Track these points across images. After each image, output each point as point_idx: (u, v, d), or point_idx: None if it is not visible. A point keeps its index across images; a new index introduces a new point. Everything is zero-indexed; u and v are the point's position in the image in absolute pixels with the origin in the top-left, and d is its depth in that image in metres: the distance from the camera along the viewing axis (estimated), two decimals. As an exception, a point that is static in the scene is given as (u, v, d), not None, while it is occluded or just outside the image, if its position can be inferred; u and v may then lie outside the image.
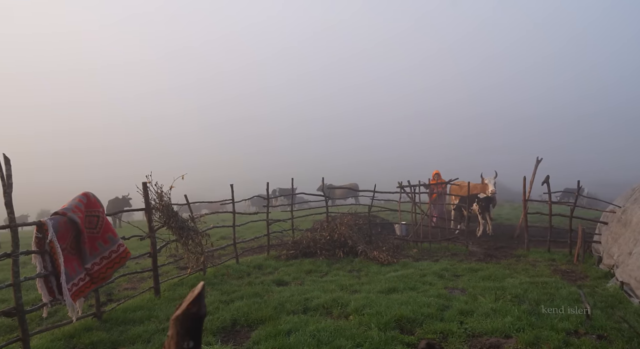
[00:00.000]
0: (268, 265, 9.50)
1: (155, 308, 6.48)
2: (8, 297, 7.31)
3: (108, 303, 7.09)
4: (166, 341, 1.43)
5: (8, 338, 5.43)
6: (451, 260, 9.55)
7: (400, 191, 13.19)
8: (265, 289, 7.30)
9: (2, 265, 10.06)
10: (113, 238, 6.16)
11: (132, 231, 7.95)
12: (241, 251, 10.64)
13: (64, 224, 5.39)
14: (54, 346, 5.06)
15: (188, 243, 7.89)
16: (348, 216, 12.48)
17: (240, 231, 13.50)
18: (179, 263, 9.43)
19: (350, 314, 5.82)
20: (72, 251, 5.52)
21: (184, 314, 1.39)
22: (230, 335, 5.40)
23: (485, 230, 13.35)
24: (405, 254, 10.55)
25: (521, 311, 5.49)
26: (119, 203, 22.49)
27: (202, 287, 1.43)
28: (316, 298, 6.52)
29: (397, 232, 13.52)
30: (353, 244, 10.53)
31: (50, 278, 5.23)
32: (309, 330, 5.14)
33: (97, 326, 5.77)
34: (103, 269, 5.93)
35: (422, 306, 5.85)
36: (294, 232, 12.30)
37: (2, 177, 4.84)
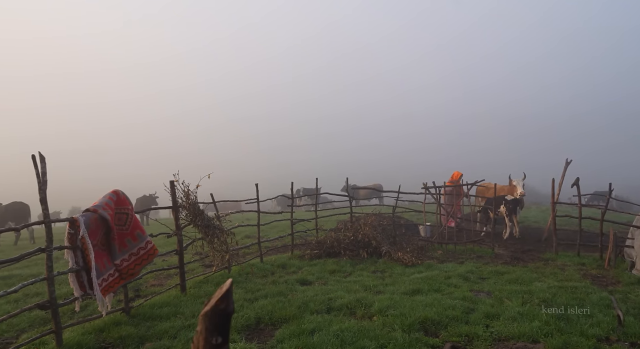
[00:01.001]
0: (292, 264, 9.55)
1: (181, 304, 6.59)
2: (42, 290, 7.56)
3: (136, 298, 7.25)
4: (195, 336, 1.46)
5: (42, 330, 5.62)
6: (477, 262, 9.40)
7: (425, 192, 13.07)
8: (289, 288, 7.34)
9: (36, 260, 10.38)
10: (141, 235, 6.29)
11: (159, 229, 8.10)
12: (265, 250, 10.72)
13: (95, 221, 5.55)
14: (85, 339, 5.19)
15: (213, 241, 8.00)
16: (372, 217, 12.43)
17: (264, 230, 13.59)
18: (204, 260, 9.57)
19: (374, 315, 5.81)
20: (103, 247, 5.67)
21: (212, 310, 1.42)
22: (255, 333, 5.45)
23: (512, 232, 13.10)
24: (430, 256, 10.44)
25: (549, 316, 5.37)
26: (147, 201, 22.98)
27: (230, 284, 1.46)
28: (340, 298, 6.53)
29: (421, 233, 13.40)
30: (377, 245, 10.49)
31: (82, 273, 5.38)
32: (332, 330, 5.15)
33: (125, 321, 5.91)
34: (131, 266, 6.07)
35: (447, 309, 5.79)
36: (317, 232, 12.33)
37: (37, 174, 5.01)
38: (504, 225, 13.45)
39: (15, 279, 8.78)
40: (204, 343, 1.42)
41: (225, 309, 1.42)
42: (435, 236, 12.38)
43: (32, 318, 6.26)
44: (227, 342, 1.44)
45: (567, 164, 12.22)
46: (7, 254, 12.47)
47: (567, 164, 12.23)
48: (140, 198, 23.23)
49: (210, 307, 1.41)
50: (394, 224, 12.22)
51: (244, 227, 11.57)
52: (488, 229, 13.52)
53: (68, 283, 5.76)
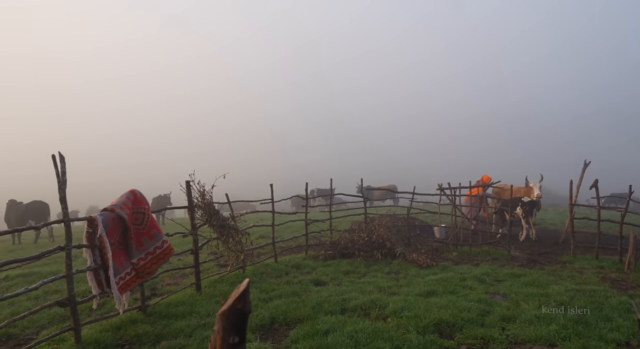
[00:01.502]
0: (306, 265, 9.57)
1: (196, 303, 6.65)
2: (61, 288, 7.69)
3: (152, 297, 7.33)
4: (212, 336, 1.48)
5: (61, 327, 5.72)
6: (492, 265, 9.31)
7: (440, 193, 12.98)
8: (303, 289, 7.35)
9: (55, 257, 10.57)
10: (158, 235, 6.36)
11: (174, 228, 8.19)
12: (280, 250, 10.76)
13: (113, 220, 5.63)
14: (103, 336, 5.27)
15: (228, 241, 8.05)
16: (386, 218, 12.40)
17: (278, 230, 13.64)
18: (219, 260, 9.64)
19: (388, 316, 5.79)
20: (120, 246, 5.75)
21: (229, 309, 1.43)
22: (269, 333, 5.48)
23: (528, 235, 12.94)
24: (445, 258, 10.37)
25: (567, 319, 5.30)
26: (162, 201, 23.26)
27: (247, 284, 1.47)
28: (354, 299, 6.52)
29: (436, 234, 13.31)
30: (391, 246, 10.45)
31: (100, 271, 5.47)
32: (346, 331, 5.15)
33: (141, 319, 5.98)
34: (148, 265, 6.15)
35: (462, 311, 5.74)
36: (331, 232, 12.33)
37: (57, 174, 5.10)
38: (520, 227, 13.29)
39: (36, 276, 8.95)
40: (221, 342, 1.43)
41: (242, 309, 1.43)
42: (450, 237, 12.29)
43: (52, 314, 6.38)
44: (244, 341, 1.45)
45: (585, 166, 12.03)
46: (28, 252, 12.72)
47: (585, 165, 12.03)
48: (156, 198, 23.52)
49: (227, 307, 1.43)
50: (409, 226, 12.16)
51: (259, 227, 11.63)
52: (504, 231, 13.37)
53: (86, 280, 5.84)
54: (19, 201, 18.25)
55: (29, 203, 18.08)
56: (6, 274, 9.07)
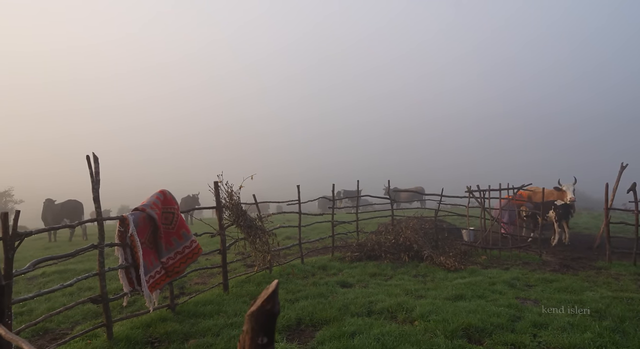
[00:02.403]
0: (332, 266, 9.56)
1: (224, 303, 6.72)
2: (94, 285, 7.91)
3: (181, 296, 7.45)
4: (241, 336, 1.48)
5: (94, 323, 5.88)
6: (523, 269, 9.09)
7: (468, 195, 12.76)
8: (330, 290, 7.34)
9: (89, 255, 10.89)
10: (186, 234, 6.47)
11: (202, 228, 8.32)
12: (306, 252, 10.78)
13: (143, 220, 5.74)
14: (133, 333, 5.39)
15: (255, 242, 8.12)
16: (414, 220, 12.26)
17: (305, 231, 13.68)
18: (246, 260, 9.73)
19: (415, 319, 5.72)
20: (150, 245, 5.87)
21: (258, 310, 1.43)
22: (295, 334, 5.49)
23: (561, 239, 12.58)
24: (473, 261, 10.18)
25: (603, 328, 5.12)
26: (190, 201, 23.66)
27: (276, 285, 1.47)
28: (380, 302, 6.47)
29: (464, 238, 13.09)
30: (418, 249, 10.34)
31: (131, 270, 5.59)
32: (373, 333, 5.11)
33: (170, 317, 6.09)
34: (177, 264, 6.25)
35: (492, 316, 5.62)
36: (358, 234, 12.28)
37: (91, 174, 5.25)
38: (552, 231, 12.93)
39: (70, 273, 9.24)
40: (250, 342, 1.44)
41: (271, 309, 1.43)
42: (479, 240, 12.06)
43: (85, 310, 6.56)
44: (273, 342, 1.45)
45: (622, 169, 11.62)
46: (63, 249, 13.13)
47: (622, 168, 11.62)
48: (184, 198, 23.94)
49: (256, 307, 1.43)
50: (436, 228, 12.00)
51: (285, 228, 11.68)
52: (535, 235, 13.05)
53: (118, 278, 6.00)
54: (54, 200, 18.87)
55: (64, 202, 18.67)
56: (43, 270, 9.38)
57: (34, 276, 9.19)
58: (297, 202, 10.45)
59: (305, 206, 10.85)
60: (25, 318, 6.25)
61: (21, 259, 10.57)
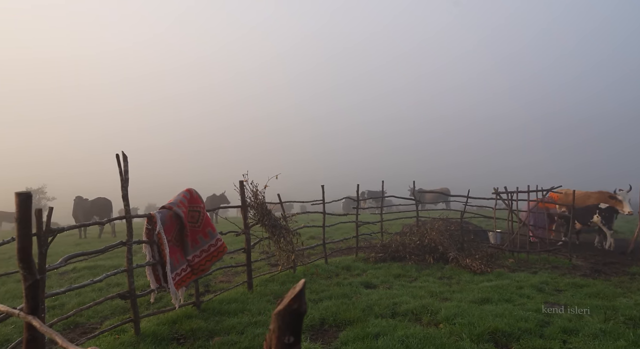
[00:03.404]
0: (356, 267, 9.52)
1: (248, 301, 6.77)
2: (122, 281, 8.09)
3: (206, 293, 7.55)
4: (268, 335, 1.49)
5: (122, 318, 6.00)
6: (551, 273, 8.87)
7: (495, 197, 12.53)
8: (353, 291, 7.32)
9: (117, 252, 11.14)
10: (212, 233, 6.54)
11: (227, 227, 8.40)
12: (330, 252, 10.77)
13: (170, 218, 5.84)
14: (160, 329, 5.49)
15: (280, 241, 8.16)
16: (439, 221, 12.12)
17: (329, 231, 13.68)
18: (270, 259, 9.78)
19: (440, 322, 5.65)
20: (177, 243, 5.96)
21: (285, 309, 1.43)
22: (319, 334, 5.49)
23: (592, 243, 12.22)
24: (500, 264, 9.99)
25: (637, 336, 4.94)
26: (216, 200, 23.96)
27: (302, 285, 1.47)
28: (405, 303, 6.41)
29: (491, 240, 12.86)
30: (444, 251, 10.21)
31: (157, 267, 5.69)
32: (397, 335, 5.07)
33: (196, 314, 6.17)
34: (202, 262, 6.33)
35: (519, 320, 5.50)
36: (382, 235, 12.21)
37: (120, 172, 5.36)
38: (598, 234, 12.56)
39: (99, 269, 9.47)
40: (276, 341, 1.44)
41: (297, 309, 1.43)
42: (506, 243, 11.83)
43: (114, 306, 6.71)
44: (299, 342, 1.45)
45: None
46: (93, 246, 13.47)
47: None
48: (209, 197, 24.26)
49: (283, 306, 1.43)
50: (462, 230, 11.83)
51: (309, 228, 11.70)
52: (565, 239, 12.71)
53: (145, 275, 6.10)
54: (84, 198, 19.38)
55: (94, 200, 19.15)
56: (74, 266, 9.65)
57: (65, 271, 9.45)
58: (321, 202, 10.45)
59: (329, 206, 10.85)
60: (57, 312, 6.43)
61: (53, 254, 10.89)
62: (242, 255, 8.54)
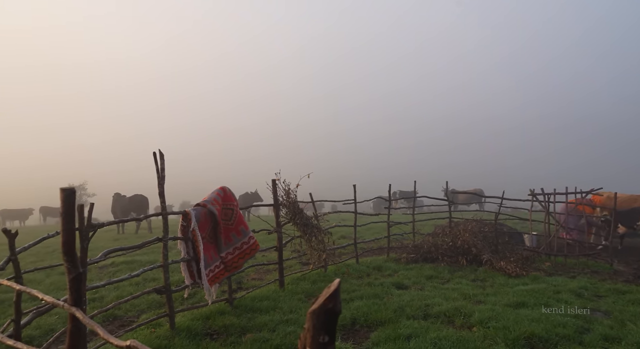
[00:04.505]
0: (387, 267, 9.46)
1: (279, 299, 6.83)
2: (157, 276, 8.29)
3: (238, 290, 7.66)
4: (302, 333, 1.49)
5: (158, 312, 6.16)
6: (591, 278, 8.56)
7: (532, 199, 12.19)
8: (385, 291, 7.27)
9: (153, 248, 11.42)
10: (245, 231, 6.63)
11: (260, 225, 8.49)
12: (361, 251, 10.73)
13: (204, 215, 5.95)
14: (194, 324, 5.60)
15: (311, 240, 8.19)
16: (472, 223, 11.89)
17: (360, 231, 13.62)
18: (301, 258, 9.83)
19: (473, 325, 5.54)
20: (210, 240, 6.07)
21: (320, 308, 1.44)
22: (350, 334, 5.48)
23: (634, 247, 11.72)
24: (536, 268, 9.72)
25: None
26: (249, 198, 24.27)
27: (338, 284, 1.47)
28: (437, 305, 6.33)
29: (526, 243, 12.51)
30: (477, 253, 10.01)
31: (192, 263, 5.81)
32: (429, 337, 5.00)
33: (229, 311, 6.26)
34: (235, 259, 6.43)
35: (557, 326, 5.33)
36: (414, 235, 12.08)
37: (157, 170, 5.50)
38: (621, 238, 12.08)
39: (136, 264, 9.75)
40: (311, 340, 1.44)
41: (332, 308, 1.43)
42: (543, 246, 11.49)
43: (150, 300, 6.90)
44: (334, 341, 1.45)
45: None
46: (130, 241, 13.87)
47: None
48: (242, 195, 24.58)
49: (318, 305, 1.44)
50: (496, 232, 11.57)
51: (340, 227, 11.69)
52: (606, 243, 12.25)
53: (179, 271, 6.25)
54: (122, 194, 19.98)
55: (131, 196, 19.71)
56: (112, 260, 9.96)
57: (104, 266, 9.78)
58: (352, 202, 10.43)
59: (359, 205, 10.82)
60: (96, 304, 6.66)
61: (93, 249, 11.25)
62: (273, 253, 8.61)
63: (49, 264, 5.28)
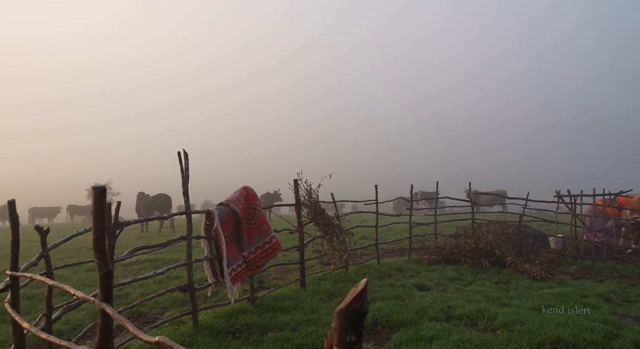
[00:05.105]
0: (409, 268, 9.40)
1: (301, 299, 6.85)
2: (180, 274, 8.42)
3: (260, 289, 7.71)
4: (329, 333, 1.50)
5: (181, 310, 6.25)
6: (620, 282, 8.34)
7: (557, 200, 11.94)
8: (406, 293, 7.22)
9: (177, 246, 11.59)
10: (267, 230, 6.68)
11: (281, 225, 8.53)
12: (382, 252, 10.69)
13: (227, 214, 6.02)
14: (216, 322, 5.66)
15: (333, 240, 8.19)
16: (496, 224, 11.71)
17: (381, 232, 13.56)
18: (322, 258, 9.84)
19: (497, 328, 5.46)
20: (233, 239, 6.13)
21: (347, 308, 1.44)
22: (372, 334, 5.46)
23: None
24: (562, 271, 9.52)
25: None
26: (270, 198, 24.42)
27: (365, 284, 1.47)
28: (460, 307, 6.25)
29: (551, 245, 12.26)
30: (501, 255, 9.86)
31: (215, 262, 5.88)
32: (452, 340, 4.95)
33: (250, 309, 6.31)
34: (257, 258, 6.48)
35: (584, 331, 5.21)
36: (436, 237, 11.97)
37: (182, 169, 5.58)
38: None
39: (160, 262, 9.91)
40: (338, 340, 1.45)
41: (359, 308, 1.43)
42: (569, 249, 11.24)
43: (173, 298, 7.00)
44: (361, 341, 1.46)
45: None
46: (154, 239, 14.11)
47: None
48: (263, 195, 24.76)
49: (345, 305, 1.44)
50: (520, 234, 11.37)
51: (361, 227, 11.67)
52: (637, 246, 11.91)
53: (202, 269, 6.32)
54: (146, 193, 20.33)
55: (155, 195, 20.05)
56: (137, 258, 10.15)
57: (128, 263, 9.97)
58: (374, 202, 10.40)
59: (380, 206, 10.77)
60: (122, 301, 6.80)
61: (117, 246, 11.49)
62: (295, 253, 8.65)
63: (78, 261, 5.41)
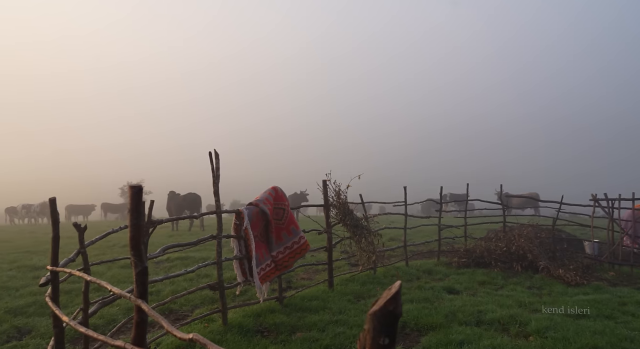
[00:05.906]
0: (438, 271, 9.27)
1: (329, 299, 6.85)
2: (210, 273, 8.54)
3: (288, 289, 7.74)
4: (362, 334, 1.49)
5: (211, 308, 6.35)
6: (661, 290, 8.01)
7: (593, 204, 11.57)
8: (435, 296, 7.13)
9: (206, 245, 11.78)
10: (295, 230, 6.70)
11: (309, 225, 8.55)
12: (410, 254, 10.59)
13: (256, 214, 6.07)
14: (245, 321, 5.72)
15: (361, 241, 8.16)
16: (528, 228, 11.43)
17: (409, 234, 13.44)
18: (350, 259, 9.81)
19: (530, 334, 5.33)
20: (262, 239, 6.18)
21: (381, 310, 1.43)
22: (400, 337, 5.41)
23: None
24: (598, 277, 9.22)
25: None
26: (297, 198, 24.54)
27: (399, 286, 1.45)
28: (490, 312, 6.13)
29: (586, 250, 11.87)
30: (533, 259, 9.62)
31: (244, 261, 5.95)
32: (483, 345, 4.86)
33: (279, 309, 6.35)
34: (286, 258, 6.51)
35: (623, 340, 5.03)
36: (466, 239, 11.78)
37: (212, 169, 5.66)
38: None
39: (190, 260, 10.08)
40: (371, 342, 1.44)
41: (393, 310, 1.42)
42: (606, 254, 10.88)
43: (203, 296, 7.11)
44: (394, 344, 1.44)
45: None
46: (184, 238, 14.36)
47: None
48: (291, 195, 24.89)
49: (379, 307, 1.43)
50: (554, 238, 11.06)
51: (390, 229, 11.58)
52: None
53: (232, 268, 6.40)
54: (177, 193, 20.72)
55: (185, 195, 20.41)
56: (168, 256, 10.36)
57: (159, 261, 10.18)
58: (403, 204, 10.31)
59: (409, 208, 10.67)
60: (153, 298, 6.94)
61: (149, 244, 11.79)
62: (323, 253, 8.67)
63: (111, 258, 5.56)
